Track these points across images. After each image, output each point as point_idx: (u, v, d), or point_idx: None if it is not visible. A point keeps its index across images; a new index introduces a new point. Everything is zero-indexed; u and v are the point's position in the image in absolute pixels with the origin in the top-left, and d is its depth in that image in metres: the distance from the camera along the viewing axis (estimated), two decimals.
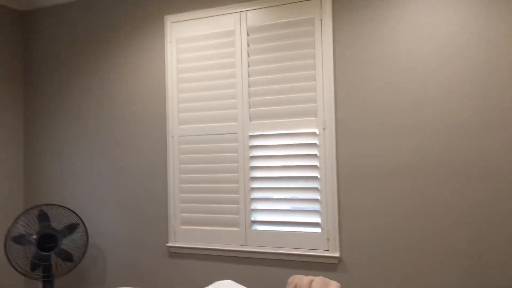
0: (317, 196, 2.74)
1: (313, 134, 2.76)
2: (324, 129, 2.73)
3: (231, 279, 2.95)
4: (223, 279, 2.86)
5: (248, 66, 2.92)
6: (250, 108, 2.92)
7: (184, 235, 3.09)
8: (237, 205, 2.94)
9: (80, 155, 3.49)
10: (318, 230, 2.74)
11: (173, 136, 3.14)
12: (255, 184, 2.89)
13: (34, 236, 3.04)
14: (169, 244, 3.12)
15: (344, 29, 2.70)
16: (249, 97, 2.92)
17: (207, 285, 3.02)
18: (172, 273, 3.14)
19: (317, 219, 2.75)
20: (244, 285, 2.90)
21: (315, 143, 2.75)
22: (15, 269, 2.96)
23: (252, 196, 2.90)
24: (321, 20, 2.75)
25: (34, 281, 3.65)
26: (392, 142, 2.58)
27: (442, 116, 2.48)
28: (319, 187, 2.73)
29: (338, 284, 1.86)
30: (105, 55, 3.41)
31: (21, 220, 3.08)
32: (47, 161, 3.63)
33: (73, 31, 3.55)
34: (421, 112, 2.52)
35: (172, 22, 3.16)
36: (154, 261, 3.20)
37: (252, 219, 2.90)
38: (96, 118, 3.44)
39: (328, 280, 1.87)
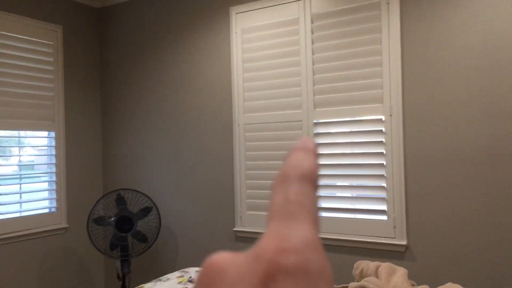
0: (383, 183, 2.71)
1: (379, 120, 2.73)
2: (390, 115, 2.69)
3: None
4: None
5: (313, 53, 2.93)
6: (314, 95, 2.93)
7: (250, 220, 3.19)
8: None
9: (153, 144, 3.69)
10: (384, 217, 2.72)
11: (239, 124, 3.23)
12: (321, 171, 2.91)
13: (113, 218, 3.28)
14: (235, 229, 3.23)
15: (412, 12, 2.63)
16: (314, 84, 2.93)
17: None
18: None
19: (383, 206, 2.72)
20: None
21: (381, 130, 2.72)
22: (97, 248, 3.22)
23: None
24: (388, 3, 2.69)
25: (113, 259, 3.94)
26: (463, 128, 2.49)
27: None
28: (385, 174, 2.70)
29: (405, 269, 1.85)
30: (174, 48, 3.57)
31: (101, 203, 3.33)
32: (123, 150, 3.88)
33: (144, 26, 3.74)
34: (494, 97, 2.41)
35: (237, 13, 3.23)
36: (221, 244, 3.33)
37: (318, 206, 2.92)
38: (168, 108, 3.61)
39: (394, 266, 1.87)
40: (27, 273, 3.37)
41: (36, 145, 3.52)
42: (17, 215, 3.31)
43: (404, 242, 2.64)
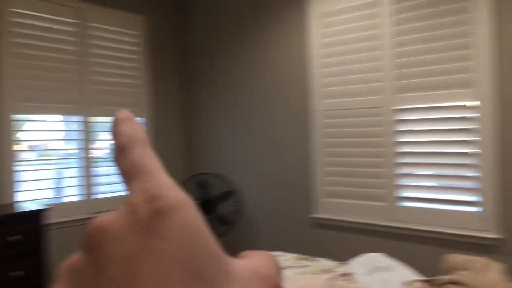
0: (473, 173, 2.57)
1: (468, 107, 2.57)
2: (482, 101, 2.52)
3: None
4: (366, 253, 2.88)
5: (395, 37, 2.81)
6: (395, 81, 2.82)
7: (327, 207, 3.18)
8: (382, 180, 2.91)
9: (233, 128, 3.79)
10: (473, 209, 2.58)
11: (316, 111, 3.20)
12: (402, 160, 2.82)
13: (196, 201, 3.42)
14: (312, 215, 3.24)
15: None
16: (395, 69, 2.82)
17: (350, 257, 3.07)
18: (315, 243, 3.27)
19: (473, 197, 2.58)
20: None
21: (471, 117, 2.56)
22: None
23: (398, 172, 2.84)
24: None
25: None
26: None
27: None
28: (476, 164, 2.55)
29: (502, 265, 1.75)
30: (254, 33, 3.60)
31: (184, 187, 3.49)
32: (205, 134, 4.02)
33: (225, 12, 3.81)
34: None
35: None
36: (299, 230, 3.36)
37: (399, 194, 2.85)
38: (246, 94, 3.68)
39: (489, 260, 1.77)
40: None
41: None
42: (112, 195, 3.57)
43: (498, 236, 2.49)
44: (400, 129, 2.81)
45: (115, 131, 0.22)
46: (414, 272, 2.16)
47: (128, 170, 0.21)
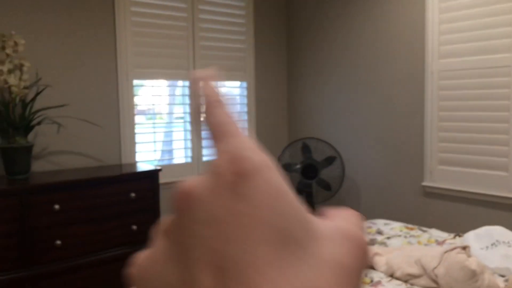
0: None
1: None
2: None
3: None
4: (485, 225, 2.66)
5: None
6: None
7: (441, 176, 2.97)
8: (506, 147, 2.63)
9: (338, 93, 3.67)
10: None
11: (432, 72, 2.96)
12: None
13: (298, 166, 3.42)
14: (424, 184, 3.05)
15: None
16: None
17: (463, 229, 2.86)
18: (426, 213, 3.09)
19: None
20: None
21: None
22: None
23: None
24: None
25: None
26: None
27: None
28: None
29: None
30: None
31: (288, 151, 3.50)
32: (308, 98, 3.96)
33: None
34: None
35: None
36: (408, 199, 3.20)
37: None
38: (353, 57, 3.52)
39: None
40: None
41: (230, 94, 3.83)
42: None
43: None
44: None
45: (195, 92, 0.23)
46: None
47: (212, 131, 0.22)
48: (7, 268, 2.31)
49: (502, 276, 1.80)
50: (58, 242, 2.45)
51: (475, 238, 2.06)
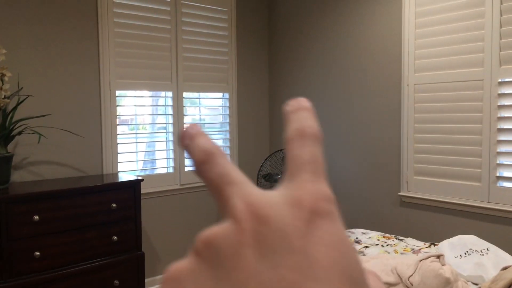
0: None
1: None
2: None
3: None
4: (459, 234, 2.74)
5: (501, 3, 2.57)
6: (501, 51, 2.59)
7: (417, 186, 3.05)
8: (479, 159, 2.73)
9: (318, 104, 3.75)
10: None
11: (408, 85, 3.05)
12: (503, 137, 2.61)
13: (279, 176, 3.47)
14: (401, 193, 3.13)
15: None
16: (501, 38, 2.58)
17: (439, 238, 2.94)
18: (403, 222, 3.17)
19: None
20: None
21: None
22: None
23: (498, 150, 2.63)
24: None
25: None
26: None
27: None
28: None
29: None
30: (342, 5, 3.49)
31: (269, 161, 3.55)
32: None
33: None
34: None
35: None
36: (385, 208, 3.28)
37: (498, 174, 2.65)
38: (333, 68, 3.60)
39: None
40: (205, 217, 3.81)
41: (212, 105, 3.87)
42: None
43: None
44: (504, 104, 2.60)
45: (191, 146, 0.23)
46: (510, 257, 2.02)
47: (214, 182, 0.21)
48: None
49: (475, 284, 1.87)
50: (37, 253, 2.44)
51: (449, 246, 2.13)
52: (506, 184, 2.63)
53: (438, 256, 1.83)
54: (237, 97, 3.96)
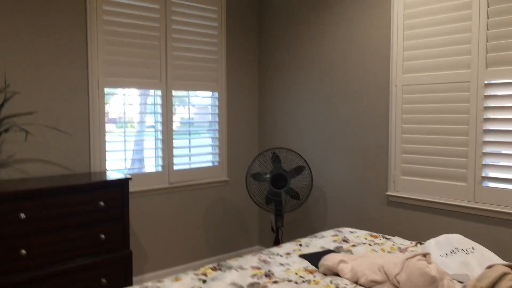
0: None
1: None
2: None
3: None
4: (445, 233, 2.78)
5: (488, 5, 2.60)
6: (487, 53, 2.63)
7: (404, 185, 3.08)
8: (465, 159, 2.76)
9: (307, 104, 3.77)
10: None
11: (396, 86, 3.08)
12: (489, 138, 2.65)
13: (268, 175, 3.48)
14: (388, 193, 3.16)
15: None
16: (487, 41, 2.62)
17: (427, 237, 2.98)
18: (391, 221, 3.20)
19: None
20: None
21: None
22: (254, 201, 3.47)
23: (484, 151, 2.67)
24: None
25: (267, 213, 4.22)
26: None
27: None
28: None
29: None
30: (331, 6, 3.51)
31: (258, 160, 3.56)
32: (278, 109, 4.03)
33: None
34: None
35: None
36: (373, 207, 3.30)
37: (483, 175, 2.69)
38: (322, 68, 3.62)
39: None
40: (194, 216, 3.81)
41: (201, 104, 3.87)
42: (187, 167, 3.73)
43: None
44: (490, 105, 2.63)
45: None
46: (495, 256, 2.06)
47: None
48: None
49: (461, 282, 1.89)
50: (23, 251, 2.41)
51: (435, 245, 2.15)
52: (491, 184, 2.67)
53: (425, 255, 1.85)
54: (227, 96, 3.96)
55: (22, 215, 2.40)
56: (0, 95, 2.65)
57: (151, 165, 3.52)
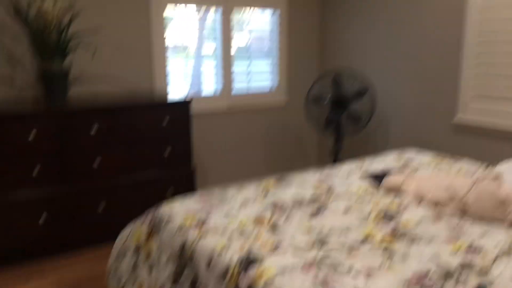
0: None
1: None
2: None
3: None
4: None
5: None
6: None
7: (475, 110, 2.90)
8: None
9: (372, 25, 3.55)
10: None
11: (473, 4, 2.80)
12: None
13: (328, 99, 3.39)
14: (456, 118, 3.00)
15: None
16: None
17: (497, 164, 2.84)
18: (457, 148, 3.07)
19: None
20: None
21: None
22: (313, 125, 3.43)
23: None
24: None
25: (326, 137, 4.19)
26: None
27: None
28: None
29: None
30: None
31: (318, 83, 3.46)
32: (341, 29, 3.85)
33: None
34: None
35: None
36: (439, 133, 3.17)
37: None
38: None
39: None
40: (253, 140, 3.86)
41: (259, 30, 3.75)
42: (245, 92, 3.71)
43: None
44: None
45: None
46: None
47: None
48: (50, 183, 2.46)
49: None
50: (95, 165, 2.57)
51: (508, 169, 2.04)
52: None
53: (496, 178, 1.77)
54: (287, 15, 3.81)
55: (94, 129, 2.53)
56: (67, 14, 2.71)
57: (209, 89, 3.53)
